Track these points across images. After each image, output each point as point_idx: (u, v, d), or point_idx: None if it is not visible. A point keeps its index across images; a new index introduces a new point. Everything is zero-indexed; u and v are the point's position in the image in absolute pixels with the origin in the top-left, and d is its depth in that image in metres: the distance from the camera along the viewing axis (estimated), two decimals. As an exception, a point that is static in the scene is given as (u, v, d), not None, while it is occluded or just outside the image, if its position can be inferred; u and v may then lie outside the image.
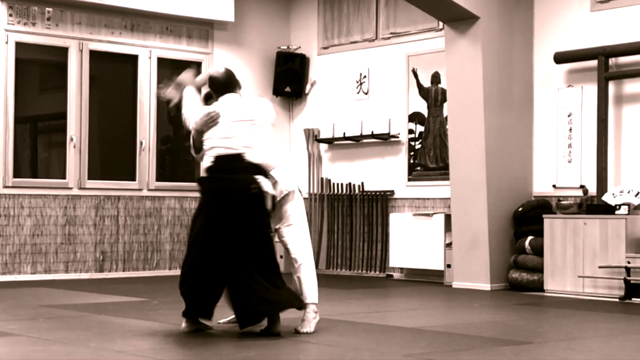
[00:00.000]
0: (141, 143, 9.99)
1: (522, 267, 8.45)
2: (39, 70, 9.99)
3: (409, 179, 9.81)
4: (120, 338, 5.26)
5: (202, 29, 10.46)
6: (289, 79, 10.73)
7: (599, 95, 8.27)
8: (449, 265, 9.01)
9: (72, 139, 9.56)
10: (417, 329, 5.75)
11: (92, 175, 9.69)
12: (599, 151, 8.22)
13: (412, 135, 9.80)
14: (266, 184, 5.25)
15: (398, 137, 9.89)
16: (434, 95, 9.61)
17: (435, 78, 9.57)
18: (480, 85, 8.49)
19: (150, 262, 9.97)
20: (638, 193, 7.81)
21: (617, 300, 7.63)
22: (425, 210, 9.56)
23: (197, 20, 10.34)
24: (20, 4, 9.28)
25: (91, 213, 9.66)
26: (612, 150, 8.29)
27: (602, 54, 8.25)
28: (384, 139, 9.97)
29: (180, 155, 10.55)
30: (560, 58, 8.56)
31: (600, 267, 7.77)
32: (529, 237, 8.45)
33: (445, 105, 9.30)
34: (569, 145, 8.62)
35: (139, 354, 4.74)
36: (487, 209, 8.50)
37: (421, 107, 9.72)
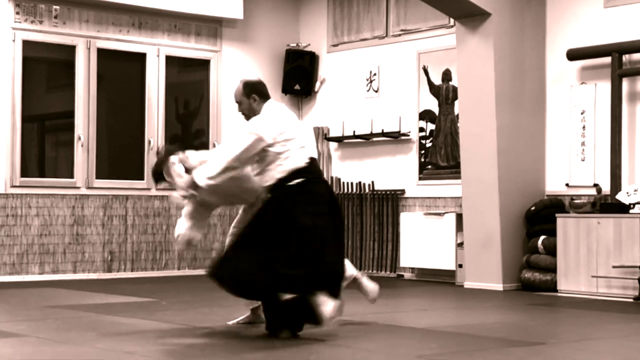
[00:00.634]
0: (149, 142, 9.94)
1: (534, 267, 8.39)
2: (47, 69, 9.97)
3: (420, 178, 9.75)
4: (128, 339, 5.24)
5: (210, 27, 10.41)
6: (299, 76, 10.69)
7: (612, 93, 8.20)
8: (460, 265, 8.96)
9: (79, 138, 9.52)
10: (429, 329, 5.72)
11: (100, 175, 9.65)
12: (612, 149, 8.15)
13: (423, 134, 9.74)
14: None
15: (409, 135, 9.83)
16: (444, 93, 9.54)
17: (446, 75, 9.51)
18: (492, 83, 8.43)
19: (158, 262, 9.91)
20: (653, 191, 7.73)
21: (631, 300, 7.56)
22: (437, 209, 9.50)
23: (205, 18, 10.29)
24: (27, 2, 9.24)
25: (99, 213, 9.61)
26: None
27: (616, 50, 8.17)
28: (394, 137, 9.92)
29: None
30: (573, 55, 8.49)
31: (614, 267, 7.70)
32: (542, 237, 8.39)
33: (456, 103, 9.24)
34: (582, 144, 8.54)
35: (147, 355, 4.72)
36: (499, 208, 8.44)
37: (432, 104, 9.66)
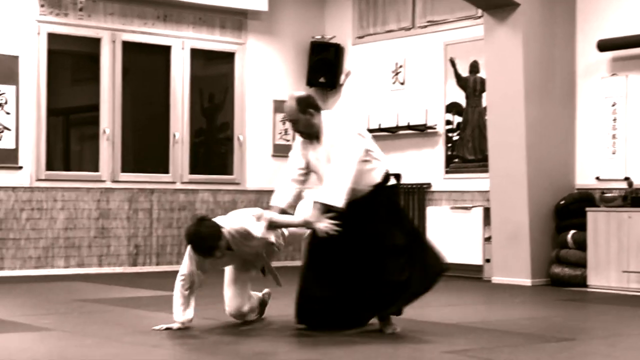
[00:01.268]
0: (174, 135, 9.92)
1: (564, 262, 8.33)
2: (71, 62, 10.00)
3: (447, 172, 9.67)
4: (155, 333, 5.23)
5: (235, 19, 10.37)
6: (324, 69, 10.64)
7: (644, 84, 8.09)
8: (488, 260, 8.89)
9: (105, 132, 9.51)
10: (456, 324, 5.70)
11: (126, 168, 9.65)
12: (644, 142, 8.04)
13: (450, 127, 9.66)
14: None
15: (435, 128, 9.75)
16: (472, 85, 9.46)
17: (474, 67, 9.42)
18: (520, 74, 8.34)
19: (183, 256, 9.85)
20: (686, 185, 7.61)
21: (663, 296, 7.46)
22: (464, 203, 9.43)
23: (230, 10, 10.25)
24: (52, -5, 9.25)
25: (124, 206, 9.61)
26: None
27: (648, 41, 8.06)
28: (420, 130, 9.84)
29: (214, 148, 10.49)
30: (604, 46, 8.39)
31: (646, 262, 7.60)
32: (572, 231, 8.32)
33: (484, 95, 9.16)
34: (613, 136, 8.42)
35: (174, 349, 4.73)
36: (527, 202, 8.36)
37: (459, 97, 9.58)
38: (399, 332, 5.23)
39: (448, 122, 9.69)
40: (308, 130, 5.23)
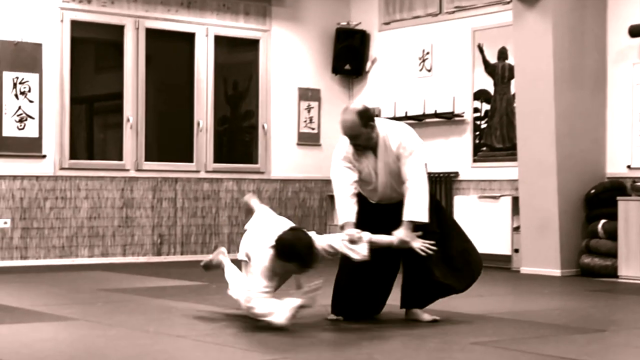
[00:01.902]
0: (198, 124, 9.87)
1: (594, 252, 8.24)
2: (95, 50, 9.98)
3: (475, 160, 9.58)
4: (179, 322, 5.22)
5: (259, 6, 10.29)
6: (349, 56, 10.57)
7: (678, 70, 7.94)
8: (516, 250, 8.82)
9: (128, 120, 9.48)
10: (484, 315, 5.65)
11: (149, 157, 9.62)
12: (677, 129, 7.90)
13: (478, 114, 9.57)
14: None
15: (463, 116, 9.65)
16: (500, 72, 9.35)
17: (502, 54, 9.31)
18: (550, 61, 8.23)
19: (208, 246, 9.85)
20: None
21: (697, 286, 7.33)
22: (492, 192, 9.33)
23: (254, -3, 10.18)
24: (76, -18, 9.21)
25: (148, 195, 9.58)
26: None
27: (682, 25, 7.91)
28: (447, 118, 9.75)
29: (238, 136, 10.43)
30: (635, 31, 8.26)
31: (679, 252, 7.47)
32: (602, 221, 8.23)
33: (512, 82, 9.07)
34: (645, 124, 8.31)
35: (199, 338, 4.68)
36: (557, 191, 8.27)
37: (487, 84, 9.48)
38: (438, 319, 5.32)
39: (476, 110, 9.59)
40: (368, 144, 5.11)
